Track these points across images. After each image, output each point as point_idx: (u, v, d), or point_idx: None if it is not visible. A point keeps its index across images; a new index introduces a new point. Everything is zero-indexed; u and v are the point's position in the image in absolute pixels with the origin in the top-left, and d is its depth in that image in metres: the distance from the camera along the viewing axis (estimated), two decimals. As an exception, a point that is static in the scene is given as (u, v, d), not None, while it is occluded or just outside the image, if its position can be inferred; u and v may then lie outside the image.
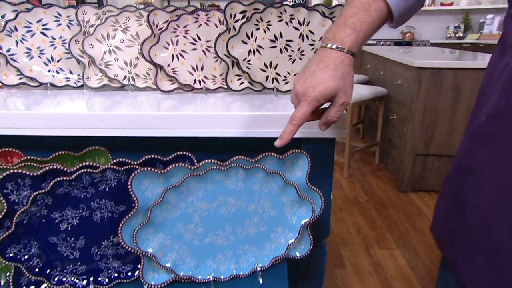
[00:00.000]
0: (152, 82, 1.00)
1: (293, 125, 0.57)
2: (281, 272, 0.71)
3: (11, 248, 0.62)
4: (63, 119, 0.75)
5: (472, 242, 0.62)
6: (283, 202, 0.69)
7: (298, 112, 0.57)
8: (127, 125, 0.75)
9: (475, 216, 0.61)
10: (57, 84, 1.01)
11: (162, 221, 0.65)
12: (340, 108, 0.58)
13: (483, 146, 0.60)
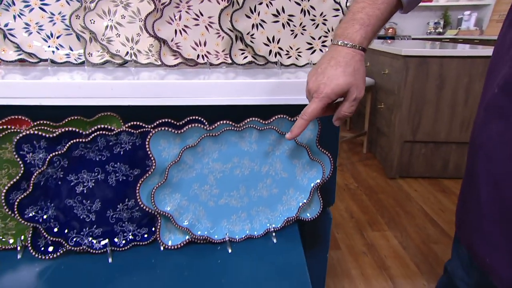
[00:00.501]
0: (155, 59, 1.01)
1: (304, 120, 0.59)
2: (294, 233, 0.73)
3: (29, 209, 0.62)
4: (72, 88, 0.75)
5: (487, 217, 0.62)
6: (295, 164, 0.71)
7: (309, 108, 0.58)
8: (136, 94, 0.76)
9: (488, 190, 0.61)
10: (57, 61, 1.00)
11: (178, 182, 0.66)
12: (353, 103, 0.59)
13: (496, 118, 0.60)
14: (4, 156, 0.65)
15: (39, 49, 0.98)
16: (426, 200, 2.20)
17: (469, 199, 0.67)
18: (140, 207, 0.65)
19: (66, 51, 1.01)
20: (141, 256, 0.66)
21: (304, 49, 1.00)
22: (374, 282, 1.52)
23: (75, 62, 1.01)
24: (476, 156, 0.64)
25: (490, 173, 0.61)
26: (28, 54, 0.98)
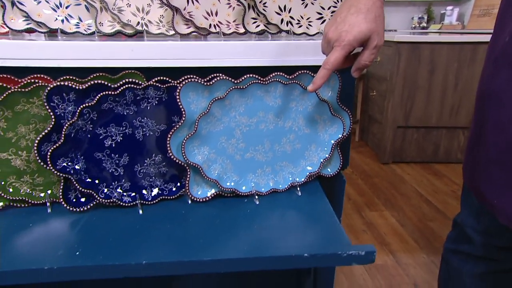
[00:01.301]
0: (166, 29, 1.01)
1: (326, 70, 0.59)
2: (316, 187, 0.75)
3: (61, 161, 0.62)
4: (92, 49, 0.76)
5: (494, 160, 0.65)
6: (316, 120, 0.74)
7: (332, 57, 0.58)
8: (157, 55, 0.76)
9: (495, 135, 0.64)
10: (67, 31, 0.99)
11: (207, 135, 0.67)
12: (374, 51, 0.59)
13: (505, 68, 0.62)
14: (32, 110, 0.65)
15: (48, 18, 0.97)
16: (420, 182, 2.26)
17: (477, 146, 0.70)
18: (170, 159, 0.66)
19: (76, 21, 1.01)
20: (170, 209, 0.67)
21: (314, 19, 1.02)
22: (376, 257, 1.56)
23: (85, 33, 1.00)
24: (484, 105, 0.67)
25: (498, 119, 0.63)
26: (37, 24, 0.97)
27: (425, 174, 2.40)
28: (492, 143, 0.65)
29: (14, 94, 0.63)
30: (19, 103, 0.64)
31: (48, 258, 0.53)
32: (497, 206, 0.64)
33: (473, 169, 0.71)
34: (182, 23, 1.00)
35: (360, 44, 0.59)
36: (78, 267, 0.51)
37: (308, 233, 0.60)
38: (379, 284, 1.40)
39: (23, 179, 0.67)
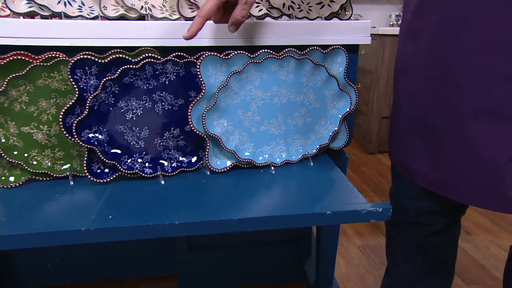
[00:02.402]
0: (169, 14, 1.03)
1: (200, 17, 0.63)
2: (326, 159, 0.79)
3: (85, 132, 0.64)
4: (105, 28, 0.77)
5: (407, 129, 0.71)
6: (326, 95, 0.78)
7: (206, 6, 0.63)
8: (170, 35, 0.78)
9: (407, 104, 0.70)
10: (70, 14, 1.00)
11: (225, 107, 0.70)
12: (245, 7, 0.64)
13: (410, 41, 0.68)
14: (52, 85, 0.66)
15: (51, 1, 0.98)
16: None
17: (395, 119, 0.76)
18: (188, 132, 0.69)
19: (78, 5, 1.02)
20: (191, 180, 0.70)
21: (314, 4, 1.06)
22: (369, 238, 1.62)
23: (88, 17, 1.01)
24: (398, 78, 0.73)
25: (407, 89, 0.70)
26: (40, 7, 0.97)
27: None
28: (405, 113, 0.71)
29: (37, 68, 0.64)
30: (40, 77, 0.65)
31: (82, 222, 0.55)
32: (415, 171, 0.71)
33: (393, 141, 0.78)
34: (187, 7, 1.02)
35: None
36: (115, 228, 0.53)
37: (326, 195, 0.64)
38: (373, 262, 1.46)
39: (45, 153, 0.68)
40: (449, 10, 0.59)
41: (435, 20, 0.62)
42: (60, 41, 0.75)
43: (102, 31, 0.77)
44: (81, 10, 1.03)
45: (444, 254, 0.86)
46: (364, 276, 1.38)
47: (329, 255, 1.06)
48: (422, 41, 0.65)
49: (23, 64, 0.63)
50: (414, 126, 0.69)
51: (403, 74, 0.71)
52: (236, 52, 0.68)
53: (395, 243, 0.89)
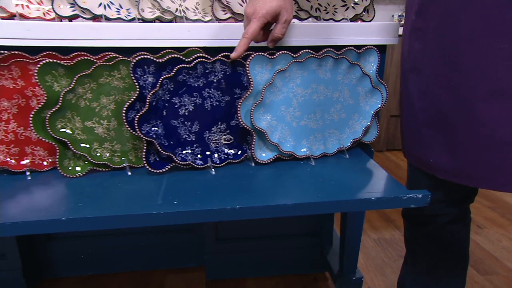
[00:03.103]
0: (202, 16, 1.09)
1: (246, 39, 0.70)
2: (359, 152, 0.85)
3: (144, 126, 0.69)
4: (152, 30, 0.82)
5: (423, 123, 0.73)
6: (359, 92, 0.83)
7: (250, 28, 0.69)
8: (213, 36, 0.84)
9: (420, 100, 0.73)
10: (110, 17, 1.05)
11: (270, 103, 0.75)
12: (284, 25, 0.71)
13: (416, 40, 0.71)
14: (112, 83, 0.72)
15: (92, 5, 1.03)
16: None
17: (407, 117, 0.78)
18: (233, 126, 0.74)
19: (116, 7, 1.07)
20: (238, 170, 0.75)
21: (339, 6, 1.12)
22: (384, 231, 1.68)
23: (125, 19, 1.07)
24: (408, 77, 0.76)
25: (419, 86, 0.73)
26: (82, 10, 1.03)
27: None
28: (419, 109, 0.73)
29: (100, 67, 0.69)
30: (102, 75, 0.70)
31: (151, 206, 0.60)
32: (433, 164, 0.73)
33: (407, 139, 0.80)
34: (220, 9, 1.07)
35: (273, 18, 0.71)
36: (182, 211, 0.58)
37: (366, 184, 0.69)
38: (390, 254, 1.51)
39: (104, 146, 0.73)
40: (448, 5, 0.63)
41: (437, 17, 0.66)
42: (115, 42, 0.80)
43: (149, 32, 0.82)
44: (119, 13, 1.08)
45: (458, 241, 0.90)
46: (382, 267, 1.43)
47: (353, 245, 1.11)
48: (428, 39, 0.69)
49: (88, 64, 0.68)
50: (429, 120, 0.72)
51: (413, 72, 0.74)
52: (281, 52, 0.73)
53: (412, 233, 0.94)
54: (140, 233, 1.31)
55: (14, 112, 0.70)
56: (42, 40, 0.77)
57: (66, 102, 0.67)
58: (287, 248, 1.34)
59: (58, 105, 0.66)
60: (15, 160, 0.70)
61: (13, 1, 0.98)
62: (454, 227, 0.87)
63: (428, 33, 0.69)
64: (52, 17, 1.05)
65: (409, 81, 0.76)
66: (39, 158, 0.72)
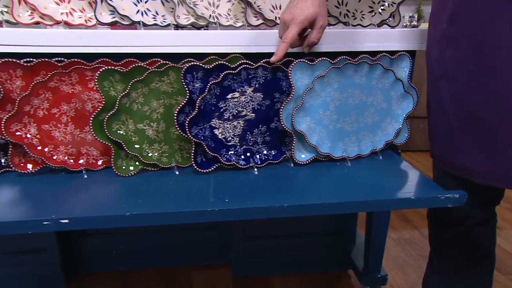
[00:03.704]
0: (233, 21, 1.13)
1: (285, 43, 0.73)
2: (391, 153, 0.88)
3: (193, 129, 0.73)
4: (195, 36, 0.86)
5: (457, 129, 0.73)
6: (392, 96, 0.86)
7: (290, 33, 0.72)
8: (250, 42, 0.88)
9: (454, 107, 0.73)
10: (147, 23, 1.10)
11: (309, 107, 0.79)
12: (320, 31, 0.75)
13: (448, 48, 0.72)
14: (162, 88, 0.76)
15: (131, 12, 1.08)
16: (429, 168, 2.40)
17: (437, 123, 0.80)
18: (276, 127, 0.78)
19: (153, 14, 1.12)
20: (279, 170, 0.79)
21: (366, 12, 1.15)
22: (403, 231, 1.71)
23: (161, 25, 1.11)
24: (438, 85, 0.77)
25: (452, 92, 0.73)
26: (121, 17, 1.07)
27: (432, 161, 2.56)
28: (453, 115, 0.74)
29: (152, 73, 0.73)
30: (153, 81, 0.75)
31: (205, 204, 0.64)
32: (469, 169, 0.73)
33: (438, 144, 0.81)
34: (252, 16, 1.11)
35: (310, 23, 0.74)
36: (235, 209, 0.62)
37: (404, 184, 0.73)
38: (410, 254, 1.54)
39: (154, 147, 0.78)
40: (484, 14, 0.65)
41: (472, 25, 0.68)
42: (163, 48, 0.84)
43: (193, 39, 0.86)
44: (155, 19, 1.13)
45: (485, 243, 0.92)
46: (403, 266, 1.46)
47: (378, 244, 1.14)
48: (461, 47, 0.71)
49: (141, 70, 0.73)
50: (464, 126, 0.73)
51: (444, 79, 0.75)
52: (320, 58, 0.77)
53: (438, 234, 0.96)
54: (168, 230, 1.35)
55: (72, 115, 0.74)
56: (93, 47, 0.82)
57: (122, 106, 0.71)
58: (311, 247, 1.38)
59: (115, 108, 0.70)
60: (73, 160, 0.75)
61: (59, 10, 1.03)
62: (481, 229, 0.89)
63: (462, 41, 0.71)
64: (93, 23, 1.09)
65: (440, 88, 0.78)
66: (93, 158, 0.77)
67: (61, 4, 1.05)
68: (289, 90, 0.81)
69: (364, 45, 0.87)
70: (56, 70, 0.71)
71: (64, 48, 0.81)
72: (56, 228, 0.58)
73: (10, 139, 0.68)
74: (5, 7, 0.98)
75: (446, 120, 0.76)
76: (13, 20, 0.96)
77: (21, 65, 0.69)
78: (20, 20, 0.97)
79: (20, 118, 0.70)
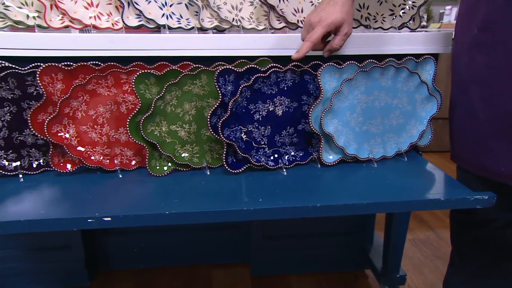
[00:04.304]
0: (256, 24, 1.15)
1: (310, 42, 0.74)
2: (416, 155, 0.90)
3: (226, 130, 0.75)
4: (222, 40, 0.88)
5: (490, 133, 0.73)
6: (416, 99, 0.88)
7: (315, 34, 0.73)
8: (277, 45, 0.89)
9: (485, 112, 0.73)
10: (172, 26, 1.12)
11: (337, 109, 0.81)
12: (344, 38, 0.76)
13: (480, 54, 0.72)
14: (194, 90, 0.78)
15: (156, 16, 1.10)
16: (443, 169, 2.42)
17: (469, 129, 0.79)
18: (303, 129, 0.80)
19: (177, 17, 1.14)
20: (306, 171, 0.81)
21: (387, 15, 1.16)
22: (418, 232, 1.71)
23: (185, 28, 1.13)
24: (468, 88, 0.77)
25: (485, 98, 0.73)
26: (147, 20, 1.10)
27: (444, 162, 2.56)
28: (485, 120, 0.73)
29: (185, 76, 0.75)
30: (186, 84, 0.77)
31: (239, 203, 0.66)
32: (504, 173, 0.73)
33: (468, 149, 0.80)
34: (275, 19, 1.13)
35: (335, 28, 0.75)
36: (270, 209, 0.64)
37: (431, 185, 0.74)
38: (426, 254, 1.55)
39: (185, 148, 0.80)
40: None
41: (508, 32, 0.69)
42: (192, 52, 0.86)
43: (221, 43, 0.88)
44: (179, 22, 1.15)
45: (510, 244, 0.93)
46: (419, 266, 1.47)
47: (398, 244, 1.16)
48: (496, 53, 0.71)
49: (175, 74, 0.75)
50: (498, 130, 0.73)
51: (476, 85, 0.75)
52: (348, 62, 0.79)
53: (460, 235, 0.96)
54: (188, 229, 1.38)
55: (107, 117, 0.77)
56: (124, 50, 0.85)
57: (157, 108, 0.74)
58: (329, 247, 1.39)
59: (151, 110, 0.72)
60: (108, 160, 0.77)
61: (88, 14, 1.06)
62: (506, 231, 0.90)
63: (497, 48, 0.71)
64: (120, 27, 1.12)
65: (470, 93, 0.77)
66: (127, 158, 0.79)
67: (89, 9, 1.07)
68: (316, 93, 0.83)
69: (388, 48, 0.89)
70: (94, 74, 0.73)
71: (97, 52, 0.83)
72: (99, 225, 0.60)
73: (52, 139, 0.71)
74: (37, 12, 1.01)
75: (477, 125, 0.76)
76: (45, 25, 0.98)
77: (62, 69, 0.72)
78: (52, 24, 0.99)
79: (61, 120, 0.72)
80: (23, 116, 0.75)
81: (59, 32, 0.94)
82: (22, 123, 0.75)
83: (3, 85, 0.72)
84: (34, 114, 0.70)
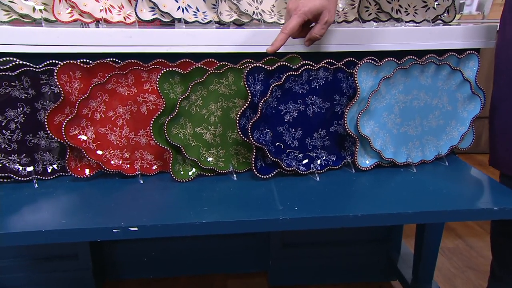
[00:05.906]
0: (277, 18, 1.13)
1: (284, 34, 0.71)
2: (457, 159, 0.88)
3: (255, 133, 0.74)
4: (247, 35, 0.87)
5: None
6: (458, 98, 0.86)
7: (290, 24, 0.71)
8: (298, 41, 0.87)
9: None
10: (188, 20, 1.11)
11: (373, 110, 0.79)
12: (324, 26, 0.73)
13: None
14: (220, 90, 0.77)
15: (172, 9, 1.09)
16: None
17: None
18: (336, 131, 0.79)
19: (193, 10, 1.13)
20: (340, 176, 0.80)
21: (420, 7, 1.14)
22: (446, 241, 1.70)
23: (202, 22, 1.12)
24: None
25: None
26: (162, 14, 1.09)
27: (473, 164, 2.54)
28: None
29: (211, 75, 0.74)
30: (212, 83, 0.76)
31: (274, 212, 0.65)
32: None
33: None
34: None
35: (314, 17, 0.72)
36: (307, 218, 0.63)
37: (480, 193, 0.73)
38: (456, 265, 1.53)
39: (211, 151, 0.79)
40: None
41: None
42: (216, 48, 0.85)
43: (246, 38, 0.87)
44: (196, 16, 1.14)
45: None
46: (450, 278, 1.45)
47: (431, 254, 1.14)
48: None
49: (200, 72, 0.74)
50: None
51: None
52: (387, 59, 0.77)
53: (505, 248, 0.95)
54: (201, 236, 1.37)
55: (127, 118, 0.76)
56: (143, 46, 0.83)
57: (181, 109, 0.73)
58: (352, 255, 1.38)
59: (176, 112, 0.71)
60: (128, 165, 0.76)
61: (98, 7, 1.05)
62: None
63: None
64: (132, 21, 1.11)
65: None
66: (147, 162, 0.78)
67: (100, 1, 1.06)
68: (349, 92, 0.82)
69: (426, 43, 0.87)
70: (113, 72, 0.72)
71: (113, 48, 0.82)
72: (125, 236, 0.59)
73: (70, 143, 0.70)
74: (43, 4, 1.00)
75: None
76: (52, 18, 0.97)
77: (80, 67, 0.71)
78: (60, 18, 0.98)
79: (79, 122, 0.71)
80: (37, 117, 0.74)
81: (68, 26, 0.93)
82: (36, 125, 0.74)
83: (16, 84, 0.71)
84: (51, 115, 0.70)
